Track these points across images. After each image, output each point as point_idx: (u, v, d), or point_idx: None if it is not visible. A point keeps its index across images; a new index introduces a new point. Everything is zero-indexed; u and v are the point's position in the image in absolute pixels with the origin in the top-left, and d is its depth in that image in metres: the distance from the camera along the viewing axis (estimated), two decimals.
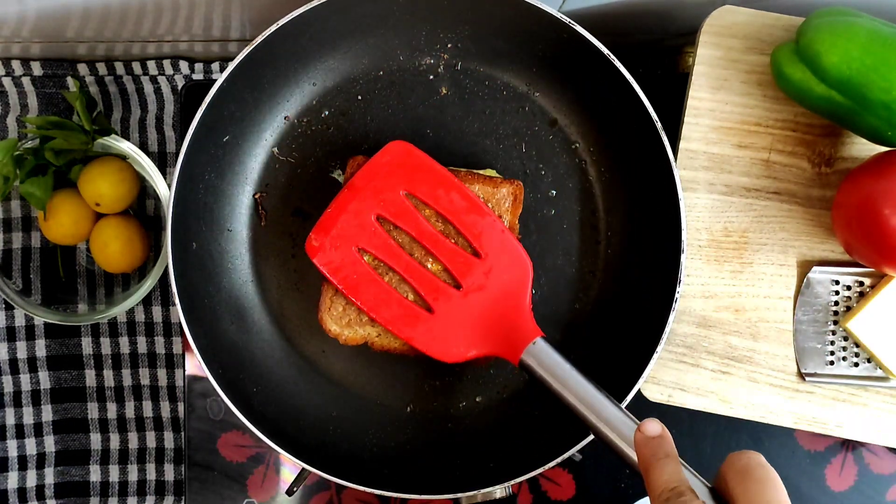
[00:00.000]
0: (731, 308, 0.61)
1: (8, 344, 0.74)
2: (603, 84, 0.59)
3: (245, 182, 0.63)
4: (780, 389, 0.61)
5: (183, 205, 0.58)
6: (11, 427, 0.74)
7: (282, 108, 0.63)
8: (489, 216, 0.57)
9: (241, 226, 0.63)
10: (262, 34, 0.56)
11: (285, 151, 0.63)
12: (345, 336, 0.60)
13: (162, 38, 0.69)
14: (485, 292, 0.56)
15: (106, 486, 0.75)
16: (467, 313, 0.56)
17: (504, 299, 0.56)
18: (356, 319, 0.59)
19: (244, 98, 0.60)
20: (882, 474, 0.67)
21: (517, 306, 0.56)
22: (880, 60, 0.53)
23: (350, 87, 0.63)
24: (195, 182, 0.59)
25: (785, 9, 0.61)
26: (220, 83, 0.56)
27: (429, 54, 0.63)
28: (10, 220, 0.73)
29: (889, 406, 0.61)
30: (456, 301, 0.57)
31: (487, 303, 0.56)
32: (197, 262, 0.60)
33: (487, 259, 0.57)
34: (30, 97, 0.72)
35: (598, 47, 0.57)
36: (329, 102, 0.63)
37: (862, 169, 0.57)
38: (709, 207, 0.61)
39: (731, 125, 0.61)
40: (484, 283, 0.57)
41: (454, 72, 0.63)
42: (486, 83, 0.63)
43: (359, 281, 0.57)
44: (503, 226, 0.57)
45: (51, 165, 0.68)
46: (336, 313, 0.59)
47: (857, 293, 0.61)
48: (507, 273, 0.57)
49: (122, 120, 0.74)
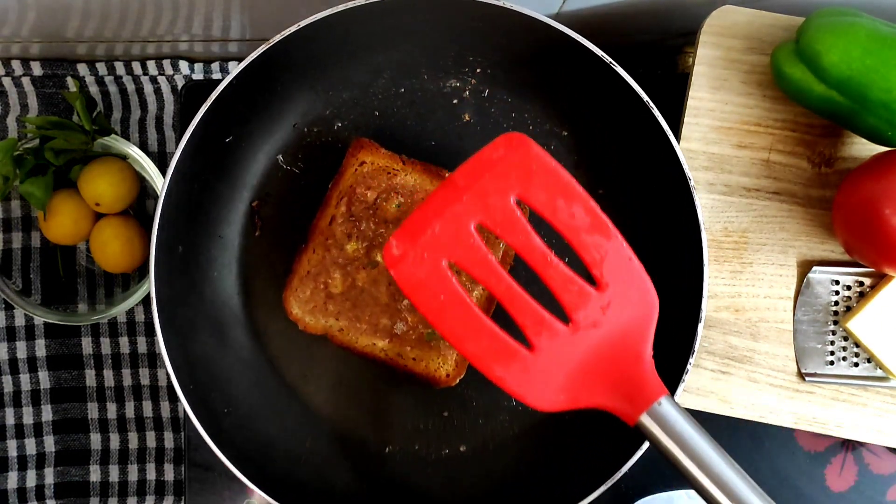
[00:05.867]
0: (731, 308, 0.61)
1: (8, 344, 0.74)
2: (639, 133, 0.55)
3: (244, 188, 0.60)
4: (780, 389, 0.61)
5: (175, 202, 0.55)
6: (11, 427, 0.74)
7: (292, 114, 0.59)
8: (615, 239, 0.46)
9: (233, 234, 0.60)
10: (281, 34, 0.53)
11: (290, 160, 0.60)
12: (306, 322, 0.57)
13: (162, 38, 0.69)
14: (600, 330, 0.46)
15: (106, 486, 0.75)
16: (576, 354, 0.46)
17: (622, 342, 0.46)
18: (321, 307, 0.57)
19: (254, 99, 0.57)
20: (882, 474, 0.67)
21: (637, 353, 0.46)
22: (880, 60, 0.53)
23: (367, 101, 0.60)
24: (191, 181, 0.56)
25: (785, 9, 0.61)
26: (229, 79, 0.53)
27: (455, 76, 0.59)
28: (10, 220, 0.73)
29: (889, 406, 0.61)
30: (563, 339, 0.46)
31: (602, 344, 0.46)
32: (182, 268, 0.57)
33: (607, 291, 0.46)
34: (30, 97, 0.72)
35: (639, 92, 0.53)
36: (343, 114, 0.60)
37: (862, 169, 0.57)
38: (709, 207, 0.61)
39: (731, 125, 0.61)
40: (599, 320, 0.46)
41: (480, 98, 0.59)
42: (513, 114, 0.60)
43: (445, 304, 0.46)
44: (631, 252, 0.47)
45: (51, 165, 0.68)
46: (303, 296, 0.57)
47: (857, 293, 0.61)
48: (629, 310, 0.46)
49: (122, 120, 0.74)
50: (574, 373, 0.46)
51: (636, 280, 0.46)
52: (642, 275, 0.46)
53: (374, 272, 0.57)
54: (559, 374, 0.46)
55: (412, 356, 0.58)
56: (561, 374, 0.46)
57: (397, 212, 0.58)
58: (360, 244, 0.58)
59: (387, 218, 0.58)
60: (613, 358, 0.46)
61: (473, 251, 0.46)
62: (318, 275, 0.58)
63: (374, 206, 0.58)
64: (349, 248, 0.57)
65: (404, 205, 0.58)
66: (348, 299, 0.58)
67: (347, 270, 0.58)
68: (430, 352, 0.58)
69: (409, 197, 0.58)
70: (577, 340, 0.46)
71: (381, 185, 0.58)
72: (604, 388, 0.46)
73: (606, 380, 0.46)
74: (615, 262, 0.46)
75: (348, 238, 0.58)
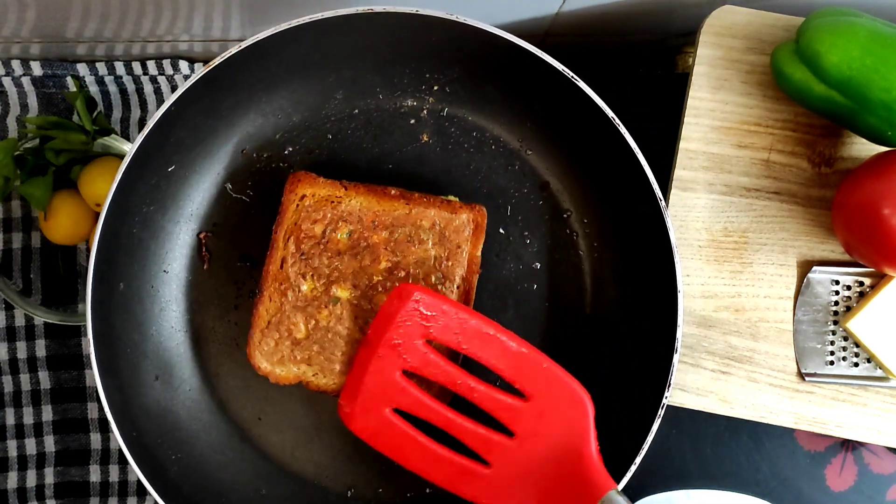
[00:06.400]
0: (731, 308, 0.61)
1: (8, 344, 0.74)
2: (604, 150, 0.54)
3: (189, 219, 0.56)
4: (780, 389, 0.61)
5: (112, 239, 0.51)
6: (11, 427, 0.74)
7: (240, 139, 0.56)
8: (526, 353, 0.50)
9: (179, 267, 0.56)
10: (222, 55, 0.50)
11: (239, 188, 0.57)
12: (277, 374, 0.55)
13: (162, 38, 0.69)
14: (542, 437, 0.49)
15: (106, 486, 0.75)
16: (526, 463, 0.50)
17: (564, 444, 0.49)
18: (290, 356, 0.54)
19: (196, 125, 0.53)
20: (882, 474, 0.67)
21: (579, 452, 0.49)
22: (880, 60, 0.53)
23: (320, 124, 0.57)
24: (129, 215, 0.53)
25: (785, 9, 0.61)
26: (167, 106, 0.50)
27: (412, 95, 0.57)
28: (10, 220, 0.73)
29: (889, 406, 0.61)
30: (512, 452, 0.50)
31: (546, 450, 0.49)
32: (123, 306, 0.54)
33: (535, 401, 0.49)
34: (30, 97, 0.72)
35: (603, 108, 0.51)
36: (294, 138, 0.57)
37: (862, 169, 0.57)
38: (709, 207, 0.61)
39: (731, 125, 0.61)
40: (538, 428, 0.49)
41: (439, 118, 0.57)
42: (474, 134, 0.57)
43: (402, 444, 0.51)
44: (546, 359, 0.50)
45: (51, 165, 0.68)
46: (267, 348, 0.54)
47: (857, 293, 0.61)
48: (561, 415, 0.49)
49: (122, 120, 0.74)
50: (531, 479, 0.49)
51: (558, 386, 0.49)
52: (564, 379, 0.49)
53: (336, 309, 0.55)
54: (519, 482, 0.49)
55: None
56: (521, 483, 0.49)
57: (349, 240, 0.56)
58: (316, 283, 0.55)
59: (339, 249, 0.56)
60: (559, 460, 0.49)
61: (406, 395, 0.50)
62: (280, 323, 0.55)
63: (323, 239, 0.55)
64: (306, 288, 0.55)
65: (355, 231, 0.56)
66: (315, 342, 0.55)
67: (308, 312, 0.55)
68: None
69: (357, 223, 0.56)
70: (525, 449, 0.49)
71: (327, 216, 0.55)
72: (559, 489, 0.48)
73: (560, 481, 0.49)
74: (532, 373, 0.49)
75: (303, 278, 0.55)
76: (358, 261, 0.55)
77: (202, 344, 0.57)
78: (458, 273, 0.55)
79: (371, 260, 0.55)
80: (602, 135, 0.53)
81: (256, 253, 0.57)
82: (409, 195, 0.55)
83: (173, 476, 0.53)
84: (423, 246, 0.55)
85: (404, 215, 0.56)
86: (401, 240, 0.55)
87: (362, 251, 0.55)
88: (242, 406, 0.57)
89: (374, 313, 0.54)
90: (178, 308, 0.57)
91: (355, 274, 0.54)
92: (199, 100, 0.51)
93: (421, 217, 0.55)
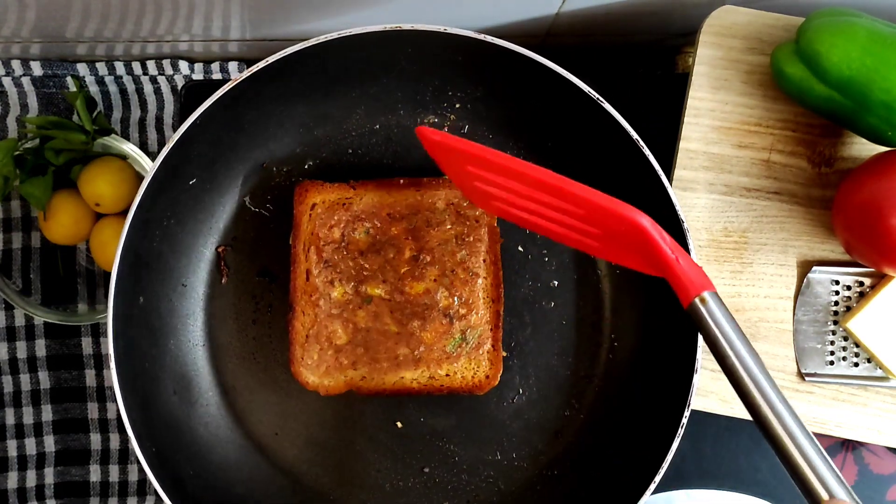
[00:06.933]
0: (732, 308, 0.61)
1: (8, 344, 0.74)
2: (629, 173, 0.53)
3: (209, 232, 0.56)
4: (780, 389, 0.61)
5: (134, 253, 0.51)
6: (11, 427, 0.74)
7: (261, 153, 0.56)
8: (569, 185, 0.45)
9: (198, 281, 0.56)
10: (249, 70, 0.50)
11: (258, 202, 0.57)
12: (326, 386, 0.54)
13: (162, 38, 0.69)
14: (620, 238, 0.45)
15: (106, 486, 0.75)
16: (623, 244, 0.45)
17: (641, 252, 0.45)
18: (335, 364, 0.54)
19: (219, 139, 0.53)
20: (882, 474, 0.67)
21: (664, 267, 0.44)
22: (880, 60, 0.53)
23: (341, 139, 0.57)
24: (151, 228, 0.53)
25: (785, 9, 0.61)
26: (193, 119, 0.50)
27: (434, 112, 0.57)
28: (10, 220, 0.73)
29: (889, 406, 0.61)
30: (604, 235, 0.46)
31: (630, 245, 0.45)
32: (143, 319, 0.54)
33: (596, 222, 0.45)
34: (30, 97, 0.72)
35: (629, 131, 0.51)
36: (315, 153, 0.57)
37: (862, 169, 0.57)
38: (709, 207, 0.61)
39: (731, 125, 0.61)
40: (613, 230, 0.45)
41: (460, 134, 0.57)
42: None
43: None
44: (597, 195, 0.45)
45: (51, 165, 0.68)
46: (311, 362, 0.54)
47: (857, 293, 0.61)
48: (623, 236, 0.45)
49: (122, 120, 0.74)
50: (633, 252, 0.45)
51: (612, 214, 0.44)
52: (614, 209, 0.44)
53: (371, 307, 0.55)
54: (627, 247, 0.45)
55: (444, 373, 0.56)
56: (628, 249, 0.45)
57: (368, 238, 0.56)
58: (345, 286, 0.55)
59: (361, 249, 0.56)
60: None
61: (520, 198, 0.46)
62: (318, 334, 0.55)
63: (343, 242, 0.56)
64: (336, 294, 0.55)
65: (372, 228, 0.56)
66: (358, 344, 0.55)
67: (344, 317, 0.55)
68: (458, 362, 0.56)
69: (372, 219, 0.56)
70: (613, 238, 0.45)
71: (342, 219, 0.56)
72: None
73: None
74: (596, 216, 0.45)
75: (332, 285, 0.55)
76: (382, 256, 0.55)
77: (220, 358, 0.57)
78: (481, 247, 0.56)
79: (394, 252, 0.55)
80: (625, 154, 0.52)
81: (275, 267, 0.56)
82: (418, 181, 0.55)
83: (190, 490, 0.52)
84: (441, 227, 0.55)
85: (417, 201, 0.56)
86: (419, 226, 0.56)
87: (384, 245, 0.55)
88: (259, 420, 0.57)
89: (408, 303, 0.54)
90: (197, 322, 0.57)
91: (382, 269, 0.54)
92: (222, 114, 0.51)
93: (434, 199, 0.56)
